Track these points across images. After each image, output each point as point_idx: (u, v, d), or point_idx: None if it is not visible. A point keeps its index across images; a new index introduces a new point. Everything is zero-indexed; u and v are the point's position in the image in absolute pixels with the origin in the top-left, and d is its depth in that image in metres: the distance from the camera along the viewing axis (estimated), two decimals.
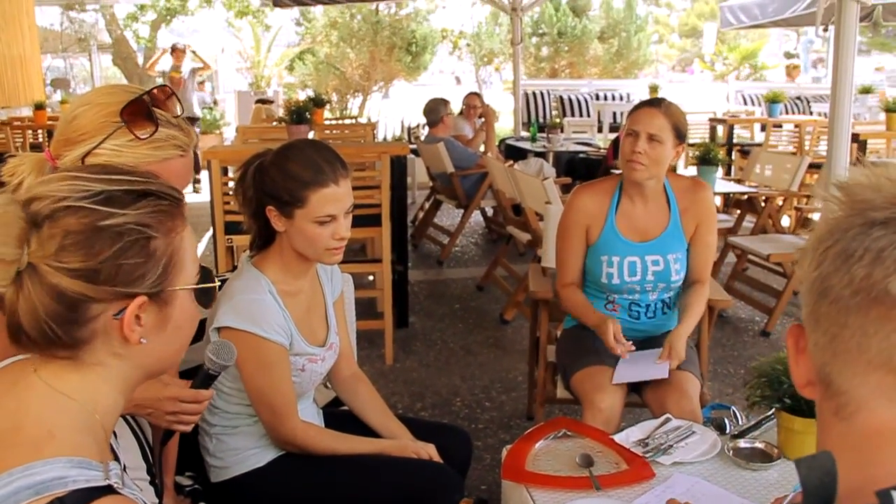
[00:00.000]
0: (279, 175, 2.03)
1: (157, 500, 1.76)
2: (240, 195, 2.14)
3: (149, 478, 1.79)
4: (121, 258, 1.02)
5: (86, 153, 1.54)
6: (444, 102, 7.28)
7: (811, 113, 11.81)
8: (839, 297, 0.77)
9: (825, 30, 5.22)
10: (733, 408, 2.30)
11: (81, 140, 1.55)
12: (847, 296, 0.76)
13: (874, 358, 0.75)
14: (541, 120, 11.97)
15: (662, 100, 2.80)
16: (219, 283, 1.21)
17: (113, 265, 1.02)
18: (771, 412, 2.14)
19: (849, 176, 0.82)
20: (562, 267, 2.91)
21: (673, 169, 2.98)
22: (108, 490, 0.96)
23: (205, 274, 1.16)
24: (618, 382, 2.59)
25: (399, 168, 4.76)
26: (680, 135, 2.72)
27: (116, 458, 1.16)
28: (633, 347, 2.64)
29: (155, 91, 1.62)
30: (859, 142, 7.09)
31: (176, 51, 11.02)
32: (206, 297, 1.17)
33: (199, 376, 1.68)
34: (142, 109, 1.57)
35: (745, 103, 13.34)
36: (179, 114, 1.67)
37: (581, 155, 7.99)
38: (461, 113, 7.96)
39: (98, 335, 1.05)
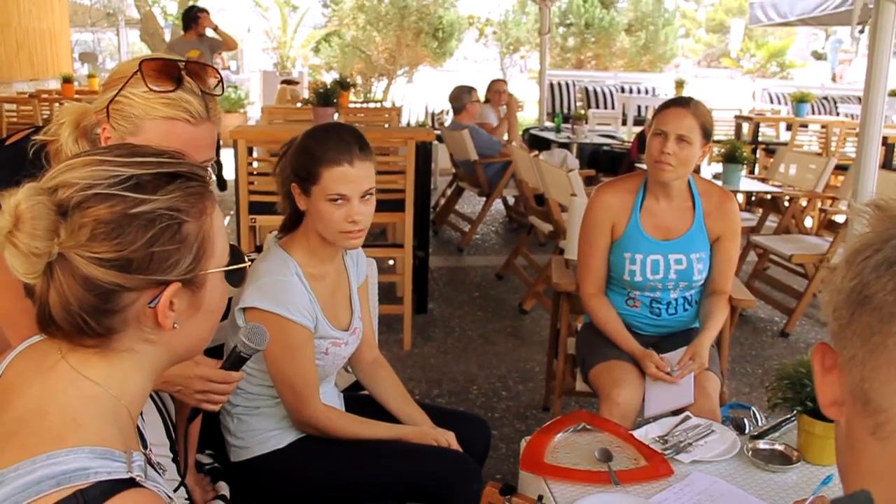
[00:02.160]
0: (300, 152, 2.07)
1: (178, 478, 1.78)
2: (277, 173, 2.17)
3: (171, 455, 1.81)
4: (153, 246, 1.00)
5: (110, 99, 1.59)
6: (469, 90, 7.25)
7: (838, 114, 11.71)
8: (882, 304, 0.73)
9: (861, 31, 5.16)
10: (753, 408, 2.29)
11: (113, 85, 1.59)
12: (891, 302, 0.72)
13: None
14: (565, 111, 11.93)
15: (690, 99, 2.77)
16: (249, 262, 1.20)
17: (146, 253, 1.00)
18: (792, 414, 2.14)
19: (878, 196, 0.80)
20: (586, 272, 2.89)
21: (697, 169, 2.96)
22: (131, 483, 0.95)
23: (234, 253, 1.14)
24: (650, 415, 2.57)
25: (424, 154, 4.76)
26: (707, 134, 2.71)
27: (142, 438, 1.17)
28: (668, 369, 2.65)
29: (194, 64, 1.64)
30: (887, 145, 7.03)
31: (201, 17, 8.47)
32: (236, 277, 1.15)
33: (230, 357, 1.68)
34: (169, 69, 1.59)
35: (772, 102, 13.23)
36: (218, 94, 1.67)
37: (605, 147, 7.95)
38: (487, 100, 7.94)
39: (130, 323, 1.03)
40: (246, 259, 1.18)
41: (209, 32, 8.63)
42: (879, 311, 0.73)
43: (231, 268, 1.13)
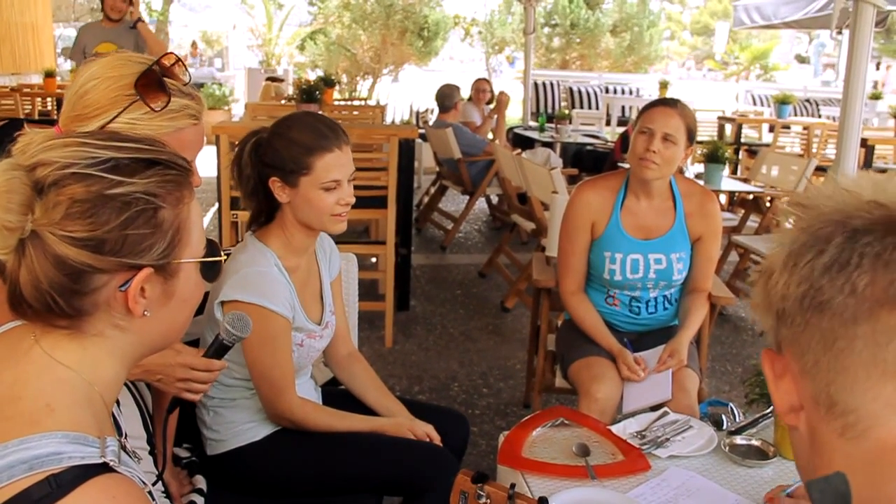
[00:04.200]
0: (282, 144, 2.05)
1: (155, 471, 1.77)
2: (236, 173, 2.14)
3: (148, 447, 1.80)
4: (127, 228, 0.99)
5: (100, 128, 1.52)
6: (458, 88, 7.27)
7: (820, 116, 11.79)
8: (842, 308, 0.72)
9: (839, 33, 5.20)
10: (731, 404, 2.30)
11: (95, 115, 1.52)
12: (852, 304, 0.72)
13: (890, 367, 0.71)
14: (549, 110, 11.96)
15: (678, 100, 2.77)
16: (225, 257, 1.19)
17: (119, 235, 0.99)
18: (769, 410, 2.15)
19: (802, 195, 0.80)
20: (566, 270, 2.88)
21: (680, 171, 2.97)
22: (104, 468, 0.94)
23: (211, 247, 1.13)
24: (629, 411, 2.57)
25: (407, 151, 4.75)
26: (691, 136, 2.71)
27: (118, 427, 1.16)
28: (644, 372, 2.66)
29: (163, 60, 1.59)
30: (867, 147, 7.08)
31: (105, 1, 6.50)
32: (211, 271, 1.14)
33: (212, 346, 1.68)
34: (153, 80, 1.54)
35: (755, 103, 13.31)
36: (188, 81, 1.65)
37: (588, 147, 7.98)
38: (470, 98, 7.95)
39: (101, 306, 1.02)
40: (222, 254, 1.17)
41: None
42: (840, 316, 0.72)
43: (206, 259, 1.12)
